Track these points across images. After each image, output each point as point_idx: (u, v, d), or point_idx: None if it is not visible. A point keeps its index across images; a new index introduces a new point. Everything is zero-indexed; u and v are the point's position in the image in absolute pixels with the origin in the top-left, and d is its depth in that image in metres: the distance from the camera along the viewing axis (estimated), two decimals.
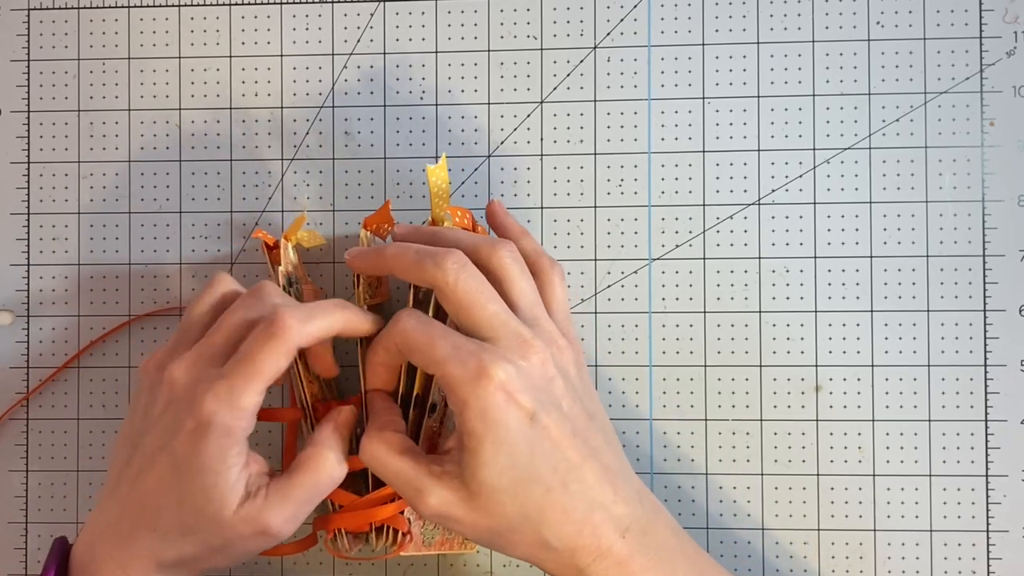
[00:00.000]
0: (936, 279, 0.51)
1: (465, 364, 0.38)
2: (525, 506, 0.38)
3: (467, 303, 0.40)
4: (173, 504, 0.41)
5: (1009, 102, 0.51)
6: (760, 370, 0.51)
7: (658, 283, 0.52)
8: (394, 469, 0.40)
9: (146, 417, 0.42)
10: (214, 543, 0.41)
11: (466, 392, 0.38)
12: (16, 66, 0.54)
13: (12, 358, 0.53)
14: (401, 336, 0.40)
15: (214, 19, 0.54)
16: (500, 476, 0.38)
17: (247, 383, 0.40)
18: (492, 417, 0.38)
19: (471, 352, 0.38)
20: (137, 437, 0.42)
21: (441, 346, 0.39)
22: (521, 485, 0.38)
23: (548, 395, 0.39)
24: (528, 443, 0.38)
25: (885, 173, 0.51)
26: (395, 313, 0.42)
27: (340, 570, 0.52)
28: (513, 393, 0.38)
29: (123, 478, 0.42)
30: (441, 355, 0.38)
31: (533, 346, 0.40)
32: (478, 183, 0.52)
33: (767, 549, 0.51)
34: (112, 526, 0.42)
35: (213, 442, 0.40)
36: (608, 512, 0.39)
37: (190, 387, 0.41)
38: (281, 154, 0.53)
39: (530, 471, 0.38)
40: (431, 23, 0.53)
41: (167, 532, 0.41)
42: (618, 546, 0.39)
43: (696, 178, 0.52)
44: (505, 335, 0.40)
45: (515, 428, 0.38)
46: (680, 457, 0.51)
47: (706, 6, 0.52)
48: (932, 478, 0.51)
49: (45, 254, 0.54)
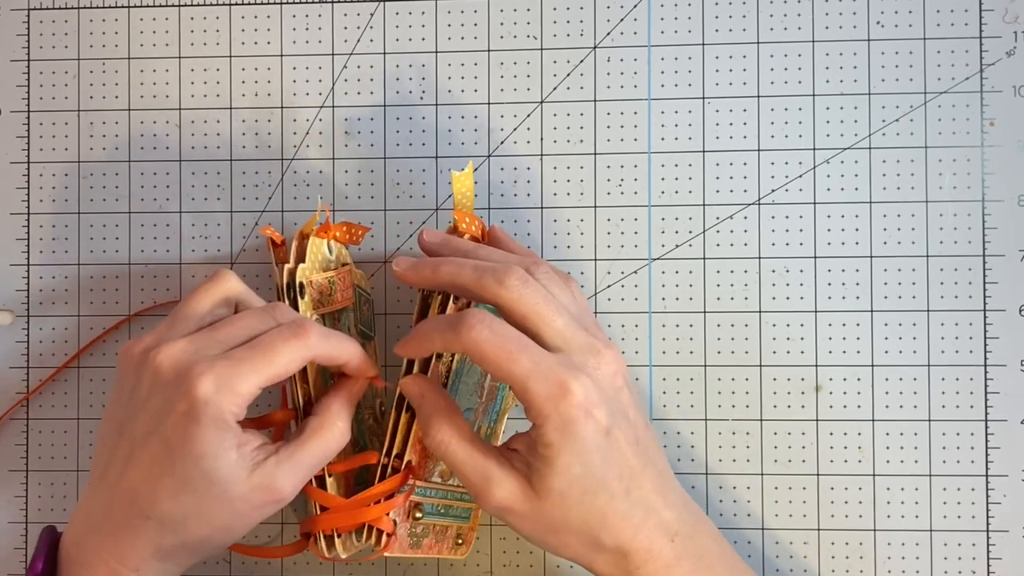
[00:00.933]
0: (936, 279, 0.51)
1: (547, 380, 0.39)
2: (589, 512, 0.40)
3: (535, 318, 0.40)
4: (170, 490, 0.40)
5: (1009, 102, 0.51)
6: (760, 370, 0.51)
7: (658, 283, 0.52)
8: (464, 456, 0.41)
9: (131, 401, 0.41)
10: (221, 521, 0.41)
11: (548, 408, 0.39)
12: (16, 66, 0.54)
13: (12, 358, 0.53)
14: (476, 347, 0.39)
15: (214, 19, 0.54)
16: (571, 484, 0.39)
17: (254, 371, 0.40)
18: (571, 431, 0.39)
19: (551, 368, 0.39)
20: (123, 423, 0.41)
21: (522, 361, 0.39)
22: (588, 493, 0.39)
23: (618, 406, 0.40)
24: (600, 455, 0.39)
25: (885, 173, 0.51)
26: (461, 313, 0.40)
27: (340, 570, 0.52)
28: (591, 409, 0.39)
29: (111, 466, 0.41)
30: (521, 371, 0.39)
31: (604, 356, 0.41)
32: (478, 183, 0.52)
33: (767, 549, 0.51)
34: (103, 517, 0.41)
35: (207, 425, 0.39)
36: (660, 517, 0.41)
37: (180, 370, 0.40)
38: (281, 154, 0.53)
39: (599, 480, 0.39)
40: (431, 23, 0.53)
41: (165, 519, 0.40)
42: (667, 549, 0.41)
43: (696, 178, 0.52)
44: (578, 346, 0.40)
45: (591, 441, 0.39)
46: (680, 457, 0.51)
47: (706, 6, 0.52)
48: (932, 478, 0.51)
49: (45, 254, 0.54)
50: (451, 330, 0.40)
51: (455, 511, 0.48)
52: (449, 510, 0.47)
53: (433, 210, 0.52)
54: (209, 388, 0.39)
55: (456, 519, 0.48)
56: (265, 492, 0.40)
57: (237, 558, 0.52)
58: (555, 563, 0.52)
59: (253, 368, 0.40)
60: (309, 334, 0.41)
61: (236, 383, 0.39)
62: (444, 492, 0.47)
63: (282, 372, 0.40)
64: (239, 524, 0.41)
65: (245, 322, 0.42)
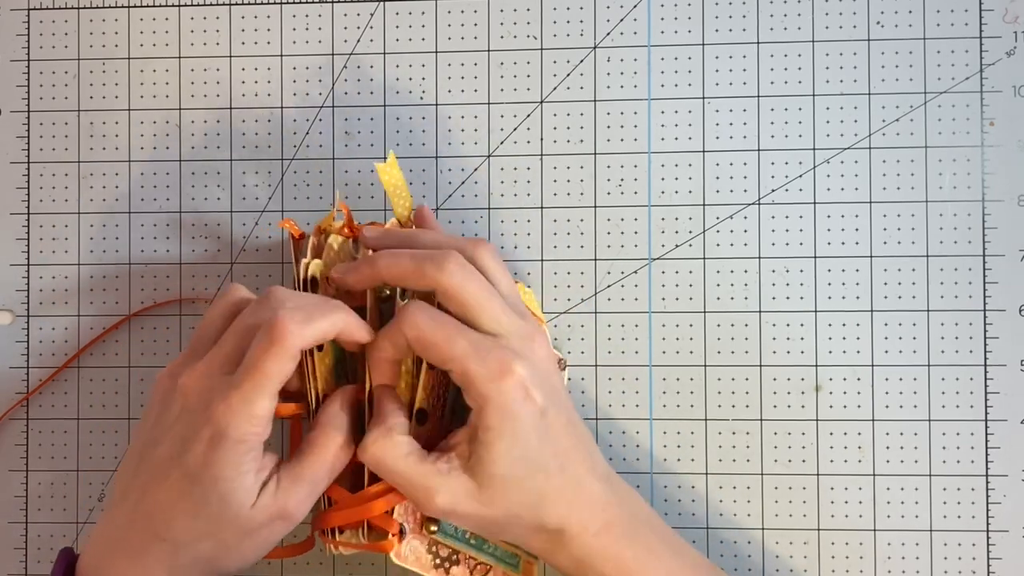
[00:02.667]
0: (936, 279, 0.51)
1: (486, 361, 0.39)
2: (529, 493, 0.41)
3: (474, 302, 0.41)
4: (188, 514, 0.40)
5: (1009, 102, 0.51)
6: (760, 370, 0.51)
7: (658, 283, 0.52)
8: (400, 472, 0.41)
9: (156, 427, 0.42)
10: (233, 541, 0.41)
11: (488, 388, 0.39)
12: (16, 66, 0.54)
13: (12, 358, 0.53)
14: (415, 332, 0.40)
15: (214, 19, 0.54)
16: (511, 467, 0.40)
17: (256, 391, 0.40)
18: (511, 412, 0.39)
19: (490, 349, 0.40)
20: (145, 448, 0.42)
21: (460, 344, 0.40)
22: (528, 473, 0.40)
23: (551, 388, 0.41)
24: (538, 435, 0.40)
25: (885, 173, 0.51)
26: (400, 308, 0.41)
27: (340, 570, 0.52)
28: (530, 390, 0.40)
29: (131, 490, 0.42)
30: (461, 352, 0.39)
31: (537, 340, 0.42)
32: (478, 183, 0.52)
33: (767, 549, 0.51)
34: (120, 540, 0.42)
35: (229, 449, 0.39)
36: (590, 489, 0.42)
37: (203, 396, 0.40)
38: (281, 154, 0.53)
39: (536, 461, 0.40)
40: (431, 23, 0.53)
41: (180, 541, 0.41)
42: (597, 518, 0.42)
43: (696, 178, 0.52)
44: (513, 330, 0.41)
45: (528, 422, 0.40)
46: (680, 457, 0.51)
47: (706, 6, 0.52)
48: (932, 478, 0.51)
49: (45, 254, 0.54)
50: (395, 327, 0.41)
51: (492, 549, 0.46)
52: (483, 545, 0.46)
53: (433, 210, 0.52)
54: (227, 417, 0.39)
55: (498, 560, 0.46)
56: (269, 511, 0.41)
57: None
58: None
59: (255, 388, 0.40)
60: (284, 332, 0.39)
61: (249, 407, 0.39)
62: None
63: (279, 378, 0.40)
64: (250, 546, 0.42)
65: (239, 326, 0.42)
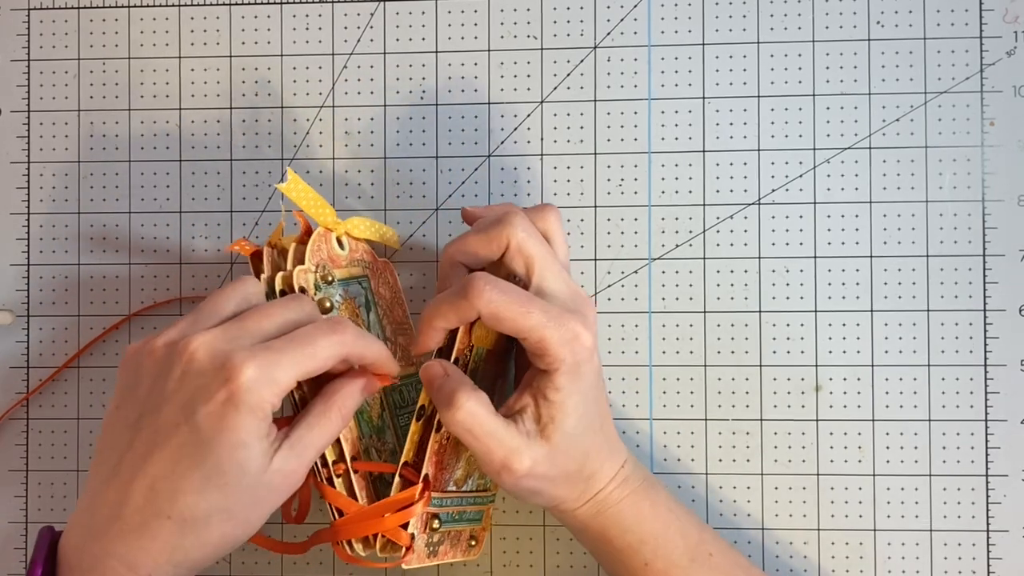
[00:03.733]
0: (936, 279, 0.51)
1: (560, 328, 0.42)
2: (580, 450, 0.43)
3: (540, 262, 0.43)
4: (196, 484, 0.38)
5: (1009, 102, 0.51)
6: (760, 370, 0.51)
7: (658, 283, 0.52)
8: (491, 429, 0.42)
9: (151, 396, 0.39)
10: (244, 514, 0.39)
11: (563, 352, 0.42)
12: (16, 66, 0.54)
13: (12, 358, 0.53)
14: (489, 306, 0.41)
15: (214, 19, 0.54)
16: (577, 423, 0.43)
17: (294, 363, 0.39)
18: (579, 373, 0.42)
19: (561, 316, 0.42)
20: (140, 418, 0.39)
21: (535, 314, 0.41)
22: (585, 430, 0.43)
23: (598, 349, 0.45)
24: (594, 394, 0.44)
25: (885, 173, 0.51)
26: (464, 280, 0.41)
27: (340, 570, 0.52)
28: (593, 352, 0.43)
29: (122, 464, 0.39)
30: (536, 323, 0.41)
31: (589, 303, 0.44)
32: (478, 183, 0.52)
33: (767, 549, 0.51)
34: (110, 519, 0.39)
35: (246, 413, 0.38)
36: (616, 443, 0.46)
37: (218, 358, 0.39)
38: (281, 154, 0.53)
39: (592, 417, 0.44)
40: (431, 23, 0.53)
41: (187, 517, 0.38)
42: (620, 471, 0.45)
43: (696, 178, 0.52)
44: (570, 294, 0.44)
45: (589, 381, 0.43)
46: (680, 457, 0.51)
47: (706, 6, 0.52)
48: (932, 478, 0.51)
49: (45, 254, 0.54)
50: (462, 299, 0.41)
51: (468, 515, 0.48)
52: (463, 515, 0.47)
53: (433, 210, 0.52)
54: (251, 375, 0.38)
55: (469, 522, 0.48)
56: (283, 476, 0.40)
57: (237, 558, 0.52)
58: (555, 563, 0.52)
59: (293, 360, 0.39)
60: (346, 330, 0.41)
61: (277, 373, 0.39)
62: (459, 499, 0.47)
63: (320, 366, 0.40)
64: (257, 515, 0.40)
65: (276, 311, 0.41)
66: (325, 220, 0.47)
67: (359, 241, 0.49)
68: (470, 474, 0.47)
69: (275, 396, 0.39)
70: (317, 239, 0.46)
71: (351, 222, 0.48)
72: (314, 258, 0.46)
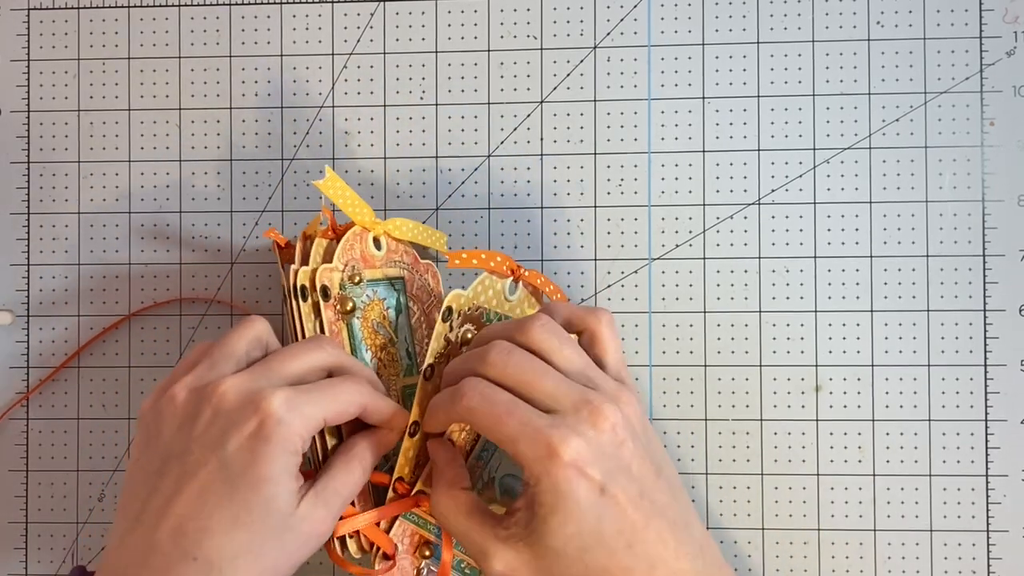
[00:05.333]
0: (936, 279, 0.51)
1: (535, 443, 0.38)
2: (589, 568, 0.39)
3: (524, 385, 0.40)
4: (225, 523, 0.38)
5: (1009, 102, 0.51)
6: (760, 370, 0.51)
7: (658, 283, 0.52)
8: (463, 530, 0.41)
9: (177, 440, 0.39)
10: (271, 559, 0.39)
11: (538, 469, 0.38)
12: (16, 66, 0.54)
13: (12, 358, 0.53)
14: (468, 414, 0.40)
15: (214, 19, 0.54)
16: (567, 543, 0.39)
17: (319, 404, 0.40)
18: (563, 491, 0.38)
19: (539, 429, 0.38)
20: (167, 460, 0.39)
21: (510, 424, 0.39)
22: (587, 551, 0.39)
23: (617, 461, 0.39)
24: (596, 512, 0.38)
25: (885, 173, 0.51)
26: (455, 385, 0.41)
27: (340, 571, 0.52)
28: (583, 467, 0.38)
29: (149, 505, 0.39)
30: (510, 433, 0.39)
31: (602, 412, 0.39)
32: (478, 183, 0.52)
33: (767, 549, 0.51)
34: (139, 565, 0.38)
35: (276, 444, 0.38)
36: (668, 567, 0.39)
37: (248, 396, 0.39)
38: (281, 154, 0.53)
39: (596, 537, 0.39)
40: (431, 23, 0.53)
41: (214, 559, 0.38)
42: None
43: (696, 178, 0.52)
44: (570, 403, 0.40)
45: (584, 500, 0.38)
46: (680, 457, 0.51)
47: (706, 6, 0.52)
48: (932, 478, 0.51)
49: (45, 254, 0.54)
50: (450, 402, 0.41)
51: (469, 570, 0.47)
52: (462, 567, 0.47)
53: (433, 210, 0.52)
54: (280, 406, 0.39)
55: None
56: (308, 526, 0.40)
57: None
58: None
59: (319, 400, 0.40)
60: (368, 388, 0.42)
61: (305, 408, 0.39)
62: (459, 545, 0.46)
63: (342, 412, 0.41)
64: (285, 562, 0.40)
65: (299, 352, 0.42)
66: (362, 219, 0.47)
67: (400, 242, 0.49)
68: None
69: (304, 429, 0.39)
70: (351, 238, 0.46)
71: (393, 223, 0.48)
72: (344, 256, 0.46)
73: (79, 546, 0.53)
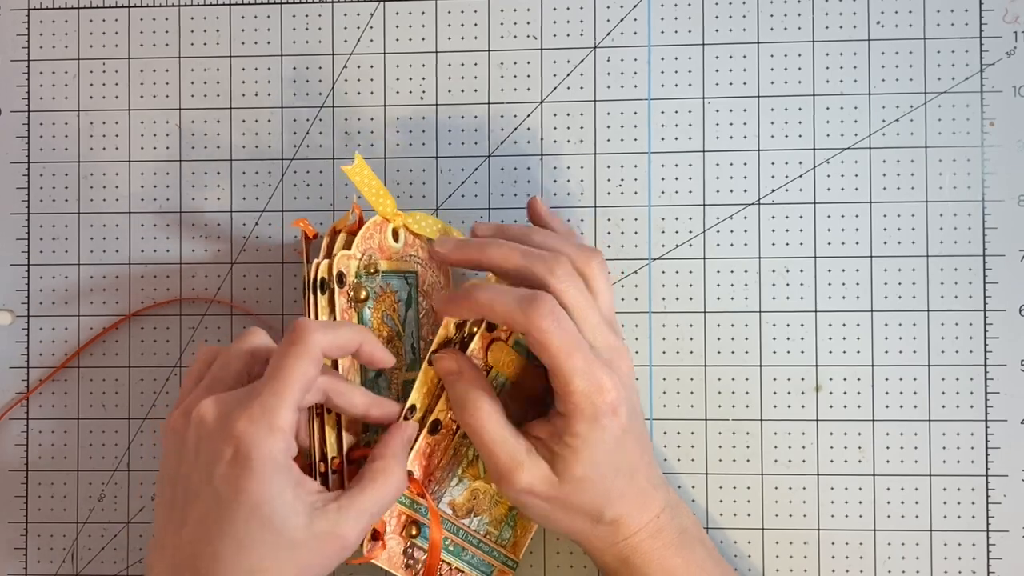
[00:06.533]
0: (936, 279, 0.51)
1: (590, 378, 0.42)
2: (599, 493, 0.43)
3: (578, 313, 0.43)
4: (231, 549, 0.38)
5: (1009, 102, 0.51)
6: (760, 370, 0.51)
7: (658, 283, 0.52)
8: (498, 437, 0.43)
9: (181, 464, 0.40)
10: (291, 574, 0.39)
11: (584, 403, 0.42)
12: (16, 66, 0.54)
13: (12, 358, 0.53)
14: (542, 334, 0.41)
15: (214, 19, 0.54)
16: (592, 471, 0.43)
17: (278, 398, 0.38)
18: (599, 425, 0.42)
19: (595, 367, 0.42)
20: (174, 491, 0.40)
21: (576, 359, 0.42)
22: (603, 477, 0.43)
23: (632, 404, 0.44)
24: (617, 446, 0.43)
25: (885, 173, 0.51)
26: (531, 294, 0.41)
27: (340, 570, 0.52)
28: (617, 407, 0.42)
29: (167, 532, 0.40)
30: (573, 368, 0.42)
31: (625, 356, 0.45)
32: (478, 183, 0.52)
33: (767, 549, 0.51)
34: None
35: (257, 468, 0.38)
36: (650, 494, 0.45)
37: (221, 418, 0.39)
38: (281, 154, 0.53)
39: (613, 468, 0.43)
40: (431, 23, 0.53)
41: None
42: (654, 522, 0.45)
43: (696, 178, 0.52)
44: (608, 344, 0.44)
45: (611, 435, 0.43)
46: (680, 457, 0.51)
47: (706, 6, 0.52)
48: (932, 478, 0.51)
49: (45, 254, 0.54)
50: (520, 309, 0.41)
51: (469, 557, 0.47)
52: (461, 552, 0.47)
53: (433, 210, 0.52)
54: (249, 427, 0.38)
55: (473, 568, 0.47)
56: (330, 540, 0.39)
57: None
58: (555, 564, 0.52)
59: (274, 394, 0.39)
60: (306, 331, 0.40)
61: (270, 417, 0.38)
62: (455, 528, 0.46)
63: (303, 384, 0.39)
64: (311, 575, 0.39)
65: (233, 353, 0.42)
66: (384, 210, 0.47)
67: (418, 237, 0.49)
68: (477, 512, 0.47)
69: (280, 440, 0.38)
70: (371, 227, 0.46)
71: (413, 216, 0.48)
72: (363, 245, 0.46)
73: (79, 546, 0.53)
